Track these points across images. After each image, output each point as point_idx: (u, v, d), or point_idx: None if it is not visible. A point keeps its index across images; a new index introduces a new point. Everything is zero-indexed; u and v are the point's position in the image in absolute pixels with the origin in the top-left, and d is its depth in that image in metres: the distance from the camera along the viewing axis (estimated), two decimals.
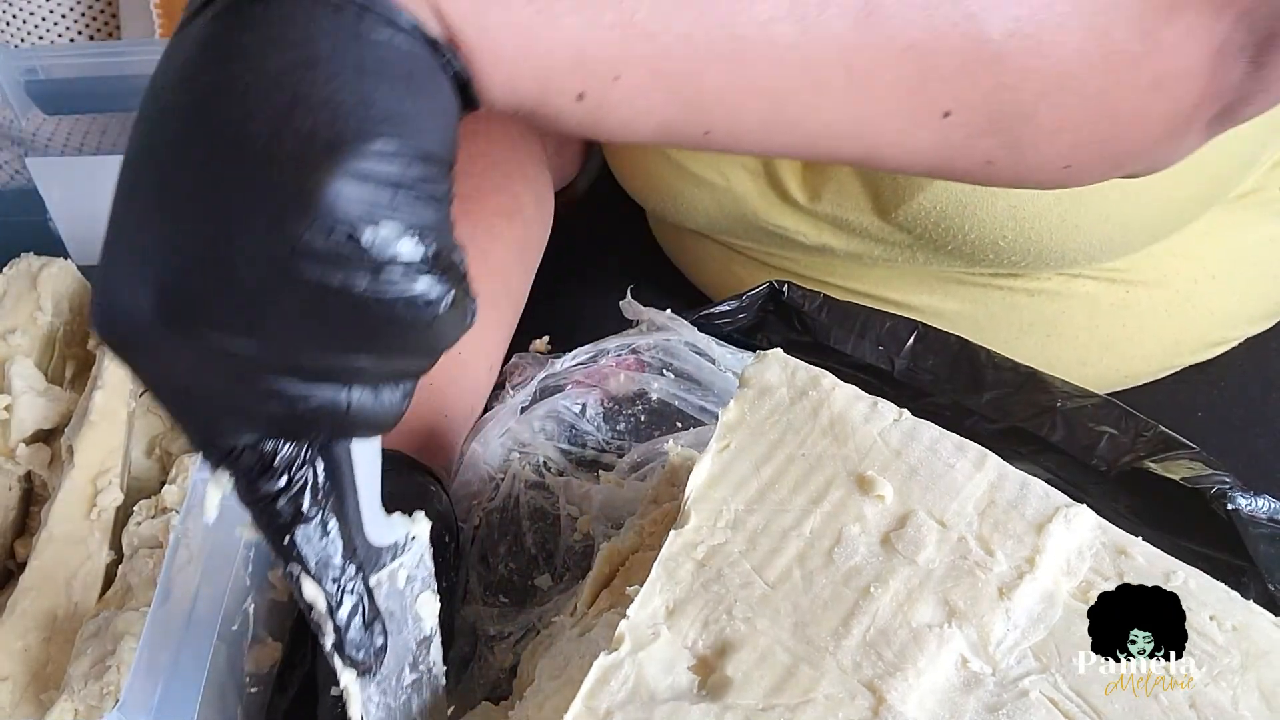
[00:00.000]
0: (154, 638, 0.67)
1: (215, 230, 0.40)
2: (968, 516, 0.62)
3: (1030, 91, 0.54)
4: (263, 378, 0.42)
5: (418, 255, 0.41)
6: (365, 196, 0.39)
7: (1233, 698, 0.57)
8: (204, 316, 0.41)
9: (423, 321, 0.42)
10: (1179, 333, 0.96)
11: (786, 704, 0.55)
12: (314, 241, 0.39)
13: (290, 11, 0.40)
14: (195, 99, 0.41)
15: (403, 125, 0.40)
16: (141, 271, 0.41)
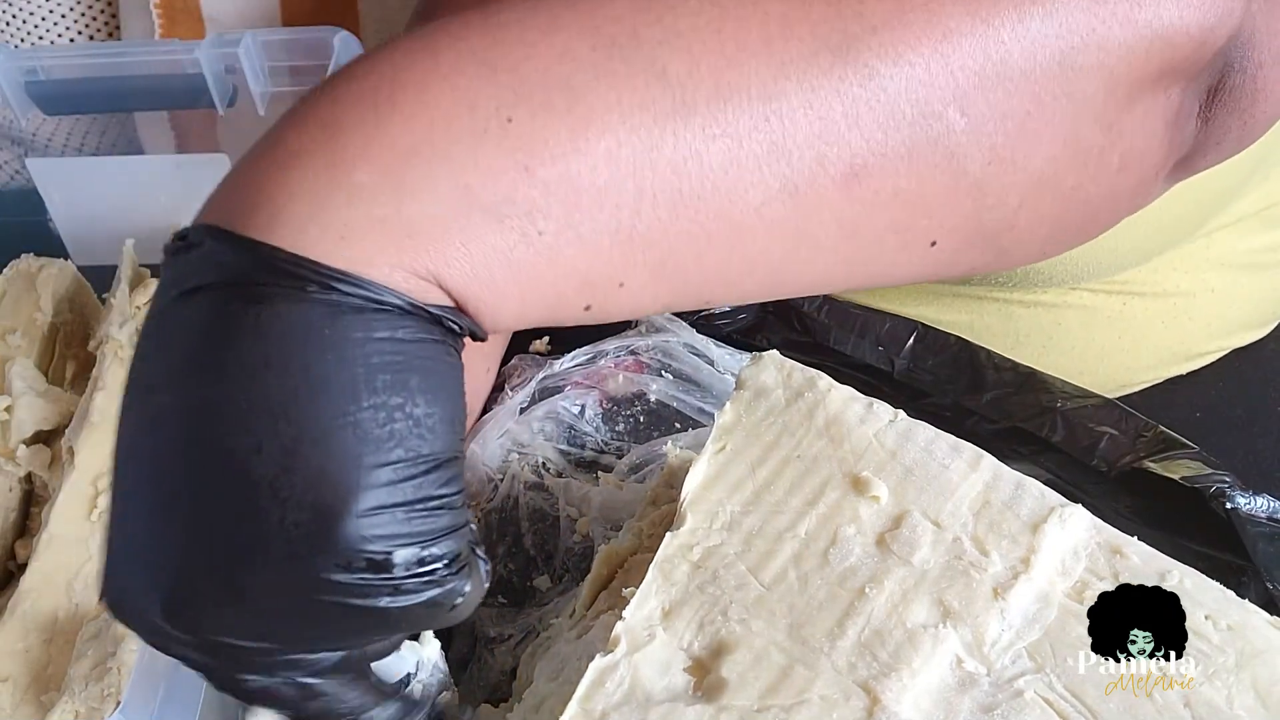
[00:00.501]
0: None
1: (226, 558, 0.40)
2: (962, 517, 0.62)
3: (1009, 205, 0.55)
4: (273, 666, 0.44)
5: (435, 564, 0.42)
6: (380, 529, 0.40)
7: (1228, 697, 0.57)
8: (214, 628, 0.42)
9: (441, 613, 0.44)
10: (1176, 343, 0.96)
11: (781, 705, 0.55)
12: (334, 575, 0.40)
13: (286, 324, 0.39)
14: (191, 412, 0.40)
15: (408, 441, 0.41)
16: (148, 577, 0.42)
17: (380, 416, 0.40)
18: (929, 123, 0.50)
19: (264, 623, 0.41)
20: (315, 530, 0.39)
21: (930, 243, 0.54)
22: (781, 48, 0.46)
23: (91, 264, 1.07)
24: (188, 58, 1.00)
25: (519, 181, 0.42)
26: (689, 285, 0.50)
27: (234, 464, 0.39)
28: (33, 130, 1.26)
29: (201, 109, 1.02)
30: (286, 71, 1.00)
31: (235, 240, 0.40)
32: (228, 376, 0.39)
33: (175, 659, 0.45)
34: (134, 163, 1.14)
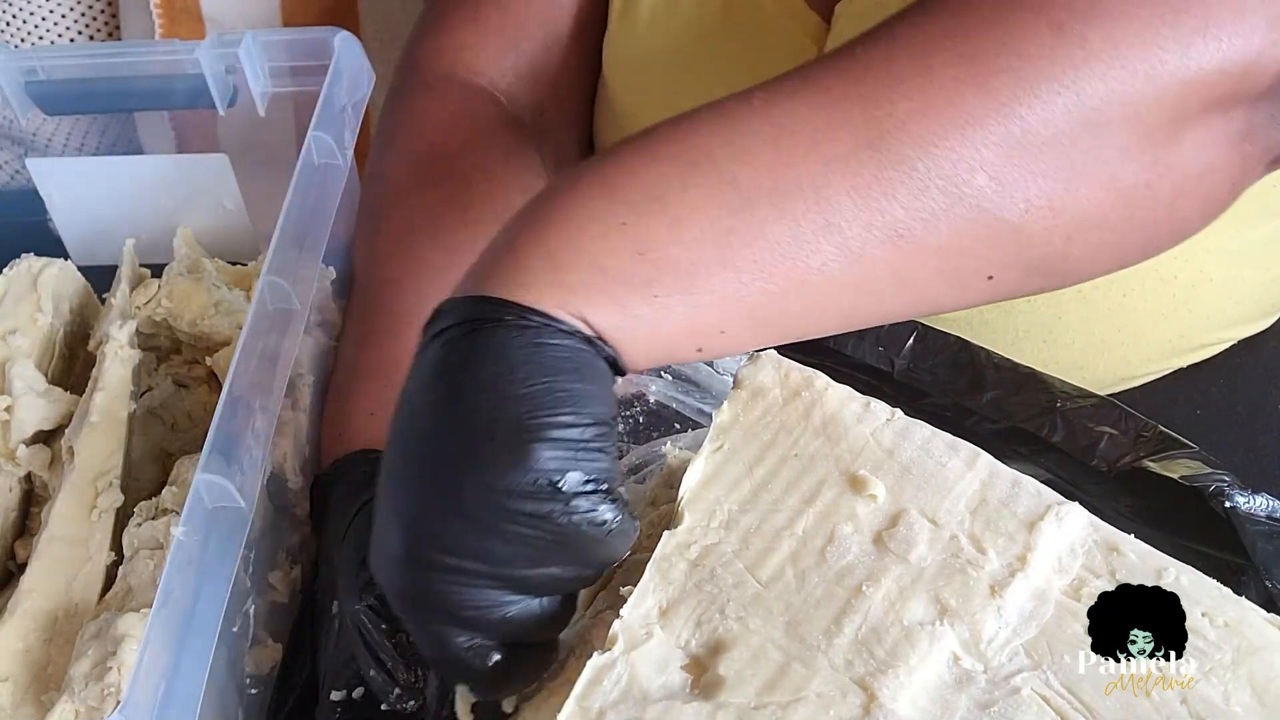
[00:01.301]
0: (155, 639, 0.67)
1: (452, 482, 0.55)
2: (959, 515, 0.62)
3: (1057, 242, 0.62)
4: (483, 589, 0.57)
5: (594, 491, 0.56)
6: (557, 457, 0.55)
7: (1224, 694, 0.57)
8: (440, 544, 0.56)
9: (599, 537, 0.56)
10: (1176, 336, 0.96)
11: (779, 702, 0.56)
12: (524, 488, 0.54)
13: (493, 336, 0.57)
14: (435, 400, 0.57)
15: (577, 401, 0.56)
16: (399, 520, 0.57)
17: (556, 387, 0.56)
18: (959, 189, 0.59)
19: (480, 538, 0.55)
20: (514, 456, 0.54)
21: (987, 277, 0.63)
22: (826, 149, 0.59)
23: (91, 264, 1.07)
24: (188, 58, 1.00)
25: (635, 263, 0.59)
26: (777, 329, 0.63)
27: (461, 424, 0.56)
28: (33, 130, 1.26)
29: (201, 109, 1.03)
30: (287, 71, 1.01)
31: (463, 299, 0.59)
32: (460, 371, 0.57)
33: (419, 627, 0.60)
34: (134, 163, 1.14)
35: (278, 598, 0.83)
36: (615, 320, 0.59)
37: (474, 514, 0.55)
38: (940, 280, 0.63)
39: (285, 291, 0.81)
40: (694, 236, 0.59)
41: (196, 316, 0.98)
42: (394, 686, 0.72)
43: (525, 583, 0.58)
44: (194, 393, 0.99)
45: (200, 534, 0.71)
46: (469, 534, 0.56)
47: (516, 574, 0.57)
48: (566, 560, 0.57)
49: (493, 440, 0.55)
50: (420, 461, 0.58)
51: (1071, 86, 0.59)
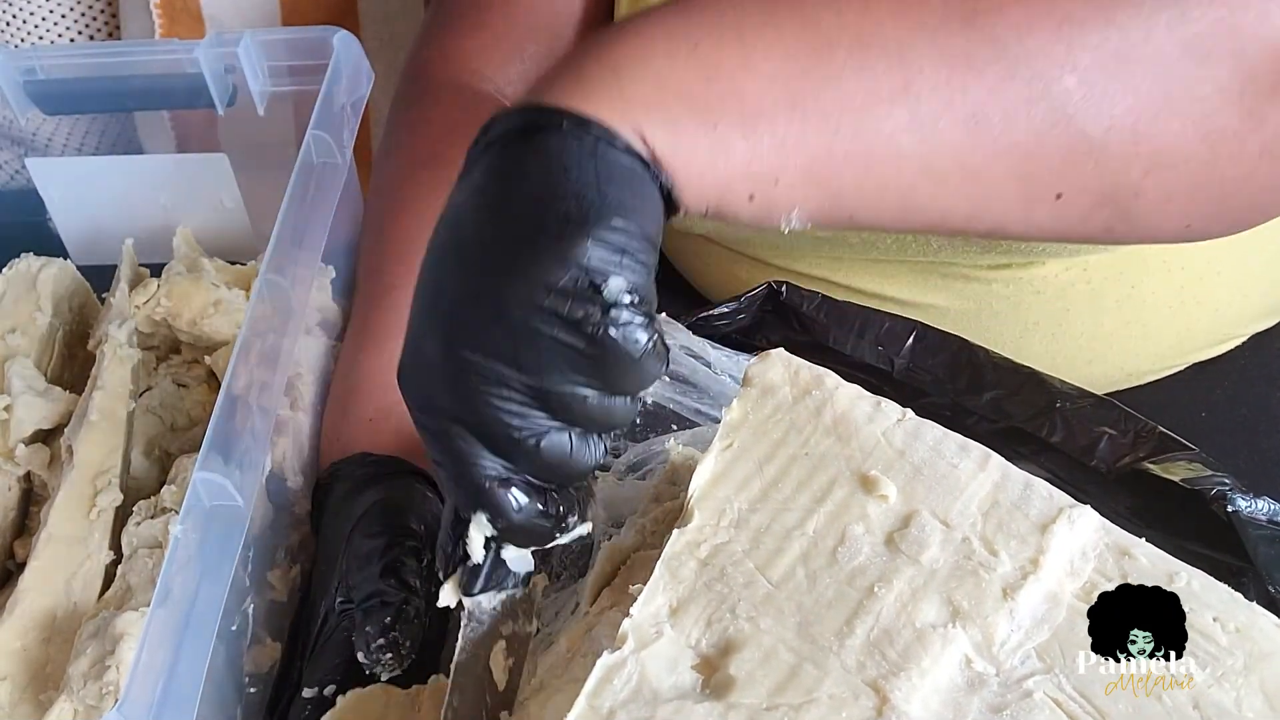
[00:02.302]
0: (153, 638, 0.66)
1: (493, 280, 0.54)
2: (971, 517, 0.62)
3: (1134, 172, 0.61)
4: (514, 404, 0.55)
5: (635, 303, 0.54)
6: (602, 257, 0.53)
7: (1236, 699, 0.57)
8: (476, 344, 0.54)
9: (634, 355, 0.54)
10: (1185, 330, 0.96)
11: (790, 703, 0.55)
12: (566, 285, 0.52)
13: (548, 141, 0.55)
14: (484, 198, 0.56)
15: (627, 211, 0.53)
16: (435, 322, 0.56)
17: (609, 193, 0.54)
18: (1047, 85, 0.58)
19: (512, 339, 0.53)
20: (558, 247, 0.52)
21: (1055, 195, 0.62)
22: (917, 14, 0.58)
23: (91, 264, 1.07)
24: (187, 57, 1.00)
25: (702, 87, 0.57)
26: (831, 193, 0.60)
27: (507, 218, 0.54)
28: (33, 130, 1.26)
29: (201, 109, 1.02)
30: (286, 71, 1.00)
31: (517, 109, 0.57)
32: (511, 172, 0.55)
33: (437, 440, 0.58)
34: (134, 163, 1.14)
35: (277, 596, 0.83)
36: (672, 144, 0.56)
37: (512, 312, 0.53)
38: (1008, 185, 0.61)
39: (284, 290, 0.81)
40: (766, 70, 0.58)
41: (196, 316, 0.97)
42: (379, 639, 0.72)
43: (554, 400, 0.55)
44: (193, 392, 0.99)
45: (199, 532, 0.70)
46: (505, 335, 0.54)
47: (545, 386, 0.55)
48: (597, 377, 0.55)
49: (539, 234, 0.53)
50: (462, 262, 0.56)
51: (1181, 3, 0.58)
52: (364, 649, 0.72)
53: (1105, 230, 0.65)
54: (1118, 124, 0.59)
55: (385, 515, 0.79)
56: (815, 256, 0.96)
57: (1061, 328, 0.94)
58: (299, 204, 0.86)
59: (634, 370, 0.55)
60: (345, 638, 0.75)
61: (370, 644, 0.72)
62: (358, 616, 0.74)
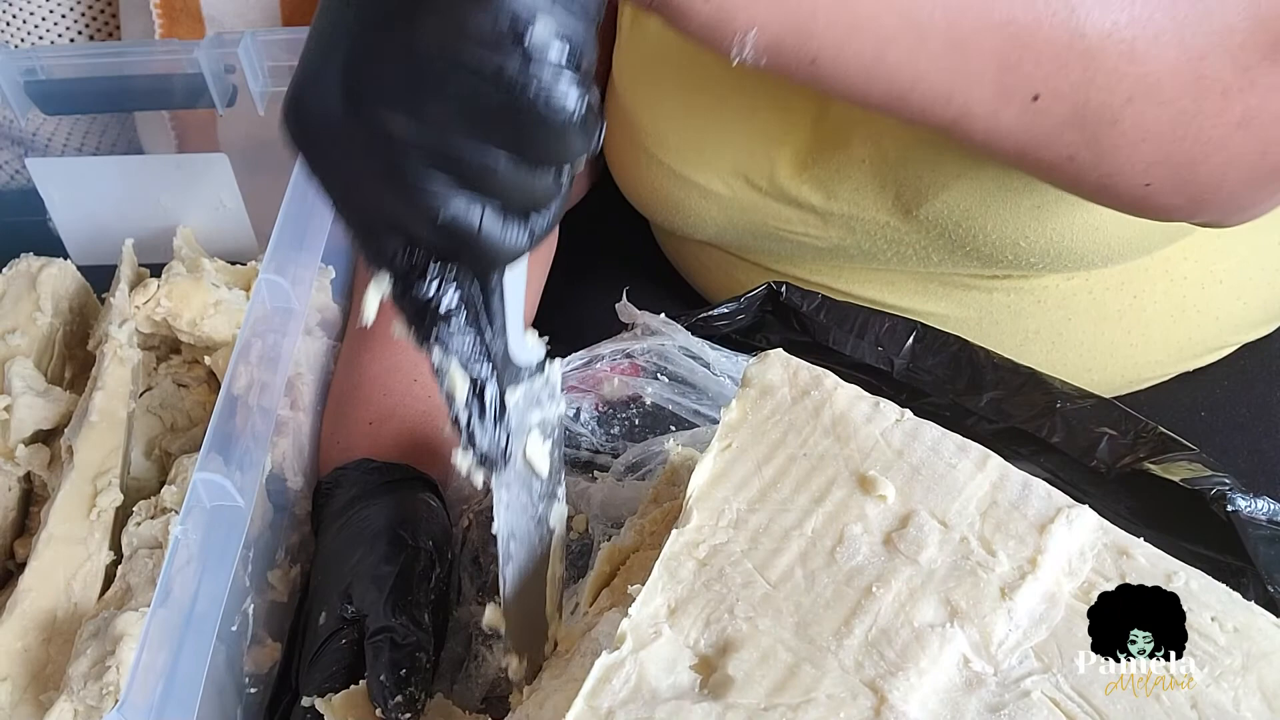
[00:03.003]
0: (154, 638, 0.67)
1: (399, 15, 0.46)
2: (970, 517, 0.62)
3: (1118, 94, 0.58)
4: (416, 166, 0.48)
5: (563, 57, 0.46)
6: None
7: (1234, 699, 0.57)
8: (377, 93, 0.47)
9: (558, 121, 0.47)
10: (1184, 339, 0.96)
11: (788, 703, 0.55)
12: (482, 25, 0.45)
13: None
14: None
15: None
16: (330, 61, 0.48)
17: None
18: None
19: (417, 89, 0.47)
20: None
21: (1033, 96, 0.58)
22: None
23: (91, 264, 1.08)
24: (187, 58, 1.00)
25: None
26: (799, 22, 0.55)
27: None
28: (33, 130, 1.26)
29: (201, 108, 1.03)
30: (286, 71, 1.01)
31: None
32: None
33: (334, 195, 0.51)
34: (134, 163, 1.14)
35: (277, 597, 0.83)
36: None
37: (418, 55, 0.46)
38: (989, 67, 0.58)
39: (284, 290, 0.81)
40: None
41: (196, 316, 0.97)
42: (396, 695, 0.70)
43: (462, 164, 0.49)
44: (193, 392, 0.99)
45: (199, 532, 0.70)
46: (409, 81, 0.47)
47: (453, 147, 0.48)
48: (513, 141, 0.48)
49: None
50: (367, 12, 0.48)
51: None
52: (381, 704, 0.71)
53: (1067, 158, 0.63)
54: (1118, 33, 0.57)
55: (394, 535, 0.78)
56: (815, 264, 0.96)
57: (1062, 337, 0.94)
58: (299, 204, 0.86)
59: (557, 138, 0.48)
60: (344, 646, 0.75)
61: (388, 700, 0.71)
62: (369, 653, 0.73)
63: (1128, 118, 0.60)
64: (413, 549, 0.77)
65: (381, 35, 0.47)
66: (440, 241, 0.51)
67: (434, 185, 0.49)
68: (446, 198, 0.49)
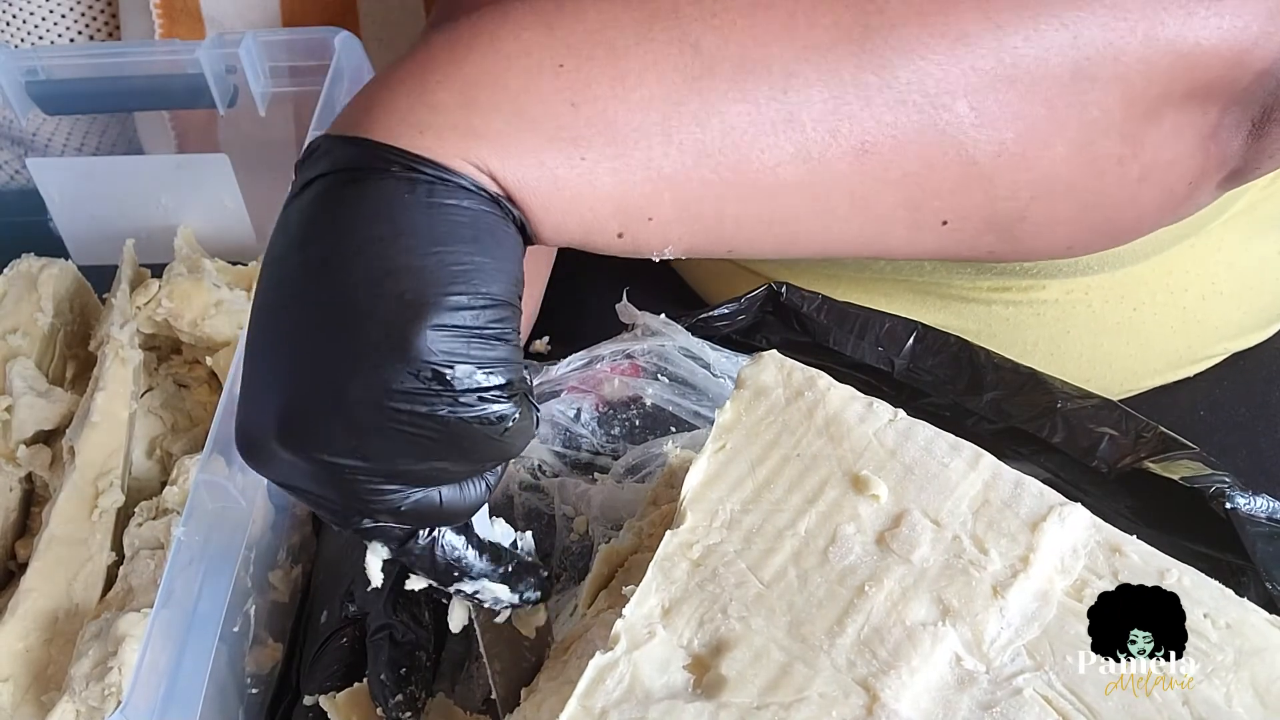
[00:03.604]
0: (156, 639, 0.67)
1: (326, 373, 0.49)
2: (962, 515, 0.62)
3: (1021, 198, 0.60)
4: (367, 486, 0.52)
5: (489, 385, 0.50)
6: (445, 344, 0.49)
7: (1226, 695, 0.57)
8: (314, 441, 0.50)
9: (495, 435, 0.51)
10: (1183, 349, 0.96)
11: (781, 702, 0.56)
12: (406, 382, 0.48)
13: (375, 191, 0.50)
14: (307, 265, 0.50)
15: (471, 279, 0.49)
16: (266, 399, 0.51)
17: (448, 259, 0.49)
18: (938, 113, 0.56)
19: (356, 437, 0.50)
20: (395, 342, 0.48)
21: (942, 222, 0.60)
22: (805, 34, 0.54)
23: (91, 264, 1.08)
24: (188, 58, 1.00)
25: (565, 114, 0.52)
26: (710, 230, 0.57)
27: (336, 298, 0.49)
28: (33, 130, 1.26)
29: (202, 109, 1.03)
30: (286, 72, 1.01)
31: (343, 139, 0.51)
32: (335, 232, 0.50)
33: (296, 495, 0.54)
34: (134, 163, 1.14)
35: (278, 597, 0.84)
36: (530, 178, 0.52)
37: (352, 414, 0.49)
38: (897, 213, 0.59)
39: None
40: (640, 97, 0.53)
41: (197, 316, 0.98)
42: (396, 694, 0.71)
43: (413, 477, 0.52)
44: (194, 393, 1.00)
45: (201, 534, 0.71)
46: (348, 432, 0.50)
47: (402, 469, 0.51)
48: (457, 457, 0.52)
49: (370, 322, 0.49)
50: (290, 340, 0.51)
51: (1072, 26, 0.56)
52: (381, 703, 0.71)
53: (989, 253, 0.65)
54: (1007, 150, 0.58)
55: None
56: (812, 274, 0.96)
57: (1061, 349, 0.94)
58: None
59: (495, 448, 0.53)
60: (346, 645, 0.75)
61: (389, 699, 0.71)
62: (369, 651, 0.74)
63: (1035, 213, 0.61)
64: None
65: (315, 392, 0.50)
66: (409, 522, 0.55)
67: (391, 493, 0.53)
68: (404, 496, 0.53)
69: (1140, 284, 0.91)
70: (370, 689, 0.73)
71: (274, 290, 0.52)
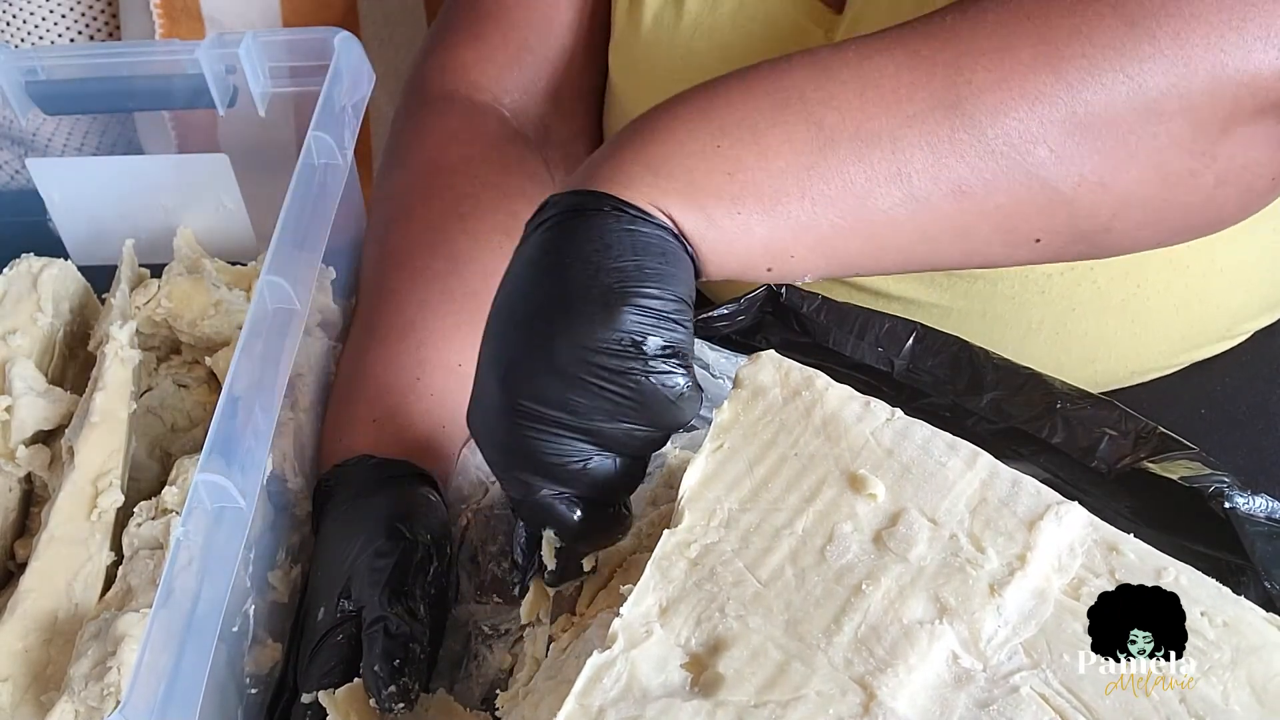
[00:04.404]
0: (155, 639, 0.67)
1: (544, 342, 0.62)
2: (959, 514, 0.62)
3: (1102, 216, 0.70)
4: (561, 440, 0.63)
5: (671, 357, 0.62)
6: (640, 321, 0.62)
7: (1223, 693, 0.57)
8: (532, 391, 0.62)
9: (671, 399, 0.62)
10: (1187, 328, 0.96)
11: (778, 700, 0.56)
12: (610, 345, 0.61)
13: (592, 221, 0.64)
14: (536, 272, 0.65)
15: (662, 280, 0.63)
16: (494, 375, 0.64)
17: (645, 265, 0.63)
18: (1021, 157, 0.66)
19: (564, 388, 0.61)
20: (602, 316, 0.61)
21: (1035, 240, 0.71)
22: (906, 106, 0.66)
23: (91, 264, 1.08)
24: (188, 58, 1.00)
25: (724, 182, 0.66)
26: (839, 261, 0.70)
27: (557, 290, 0.63)
28: (33, 130, 1.26)
29: (201, 109, 1.03)
30: (287, 72, 1.01)
31: (570, 192, 0.66)
32: (561, 248, 0.64)
33: (502, 470, 0.66)
34: (134, 163, 1.14)
35: (278, 597, 0.84)
36: (700, 226, 0.66)
37: (564, 367, 0.61)
38: (993, 237, 0.70)
39: (285, 291, 0.81)
40: (779, 167, 0.66)
41: (196, 316, 0.98)
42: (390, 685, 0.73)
43: (603, 436, 0.63)
44: (194, 393, 1.00)
45: (201, 534, 0.71)
46: (558, 385, 0.62)
47: (596, 426, 0.62)
48: (640, 418, 0.63)
49: (586, 303, 0.62)
50: (519, 322, 0.64)
51: (1136, 77, 0.65)
52: (375, 694, 0.73)
53: (1081, 256, 0.75)
54: (1086, 180, 0.67)
55: (392, 527, 0.80)
56: None
57: (1065, 328, 0.94)
58: (300, 205, 0.87)
59: (671, 412, 0.63)
60: (343, 641, 0.76)
61: (382, 690, 0.73)
62: (364, 643, 0.75)
63: (1117, 225, 0.71)
64: (410, 541, 0.79)
65: (535, 350, 0.63)
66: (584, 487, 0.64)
67: (581, 451, 0.64)
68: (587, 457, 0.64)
69: (1144, 262, 0.92)
70: (364, 680, 0.73)
71: (509, 294, 0.66)
